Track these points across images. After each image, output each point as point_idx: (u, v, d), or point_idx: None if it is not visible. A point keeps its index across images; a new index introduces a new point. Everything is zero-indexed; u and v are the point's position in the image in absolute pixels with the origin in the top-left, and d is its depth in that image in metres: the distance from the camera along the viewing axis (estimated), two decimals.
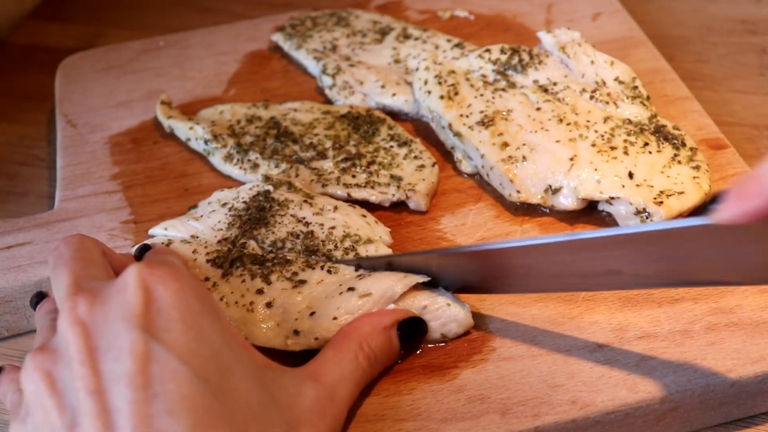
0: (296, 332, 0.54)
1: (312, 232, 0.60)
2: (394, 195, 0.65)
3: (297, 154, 0.68)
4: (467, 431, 0.51)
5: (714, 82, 0.82)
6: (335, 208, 0.62)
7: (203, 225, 0.62)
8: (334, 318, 0.54)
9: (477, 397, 0.52)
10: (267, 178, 0.65)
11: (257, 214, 0.61)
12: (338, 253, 0.59)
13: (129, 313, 0.42)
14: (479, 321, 0.57)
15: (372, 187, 0.65)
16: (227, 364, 0.43)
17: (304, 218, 0.61)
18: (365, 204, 0.65)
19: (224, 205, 0.63)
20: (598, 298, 0.57)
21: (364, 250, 0.59)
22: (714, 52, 0.85)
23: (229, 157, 0.68)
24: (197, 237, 0.61)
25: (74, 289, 0.44)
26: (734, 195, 0.41)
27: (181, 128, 0.72)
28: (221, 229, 0.61)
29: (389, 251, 0.60)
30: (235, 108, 0.74)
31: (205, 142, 0.70)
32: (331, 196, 0.65)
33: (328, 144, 0.68)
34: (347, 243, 0.59)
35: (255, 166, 0.67)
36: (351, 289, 0.55)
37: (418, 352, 0.55)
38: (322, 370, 0.50)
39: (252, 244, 0.60)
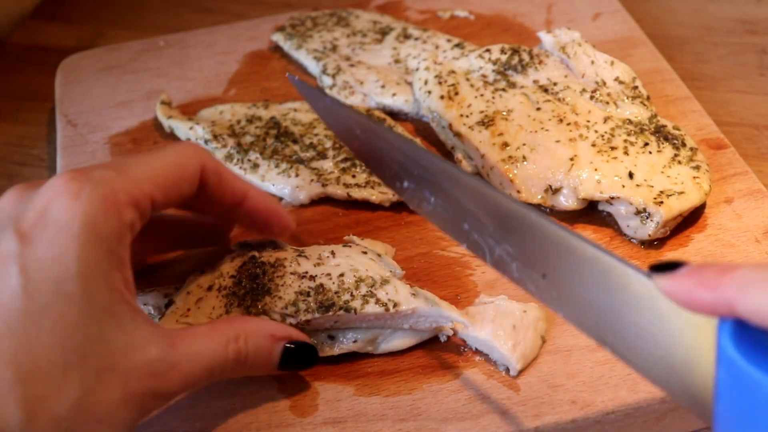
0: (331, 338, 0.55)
1: (322, 285, 0.55)
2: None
3: (297, 154, 0.68)
4: (467, 431, 0.51)
5: (714, 82, 0.82)
6: (332, 253, 0.57)
7: (197, 320, 0.54)
8: None
9: (477, 397, 0.52)
10: (244, 245, 0.58)
11: (252, 284, 0.55)
12: (357, 303, 0.54)
13: (20, 214, 0.44)
14: None
15: (372, 187, 0.65)
16: (64, 290, 0.42)
17: (306, 272, 0.55)
18: (365, 204, 0.65)
19: (209, 288, 0.55)
20: None
21: (384, 294, 0.54)
22: (714, 52, 0.85)
23: (229, 157, 0.68)
24: None
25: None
26: (691, 273, 0.36)
27: (181, 128, 0.72)
28: (221, 315, 0.54)
29: (407, 288, 0.55)
30: (235, 108, 0.74)
31: (205, 142, 0.70)
32: (331, 196, 0.65)
33: (328, 144, 0.68)
34: (363, 289, 0.54)
35: (255, 166, 0.67)
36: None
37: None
38: (184, 338, 0.46)
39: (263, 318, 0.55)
